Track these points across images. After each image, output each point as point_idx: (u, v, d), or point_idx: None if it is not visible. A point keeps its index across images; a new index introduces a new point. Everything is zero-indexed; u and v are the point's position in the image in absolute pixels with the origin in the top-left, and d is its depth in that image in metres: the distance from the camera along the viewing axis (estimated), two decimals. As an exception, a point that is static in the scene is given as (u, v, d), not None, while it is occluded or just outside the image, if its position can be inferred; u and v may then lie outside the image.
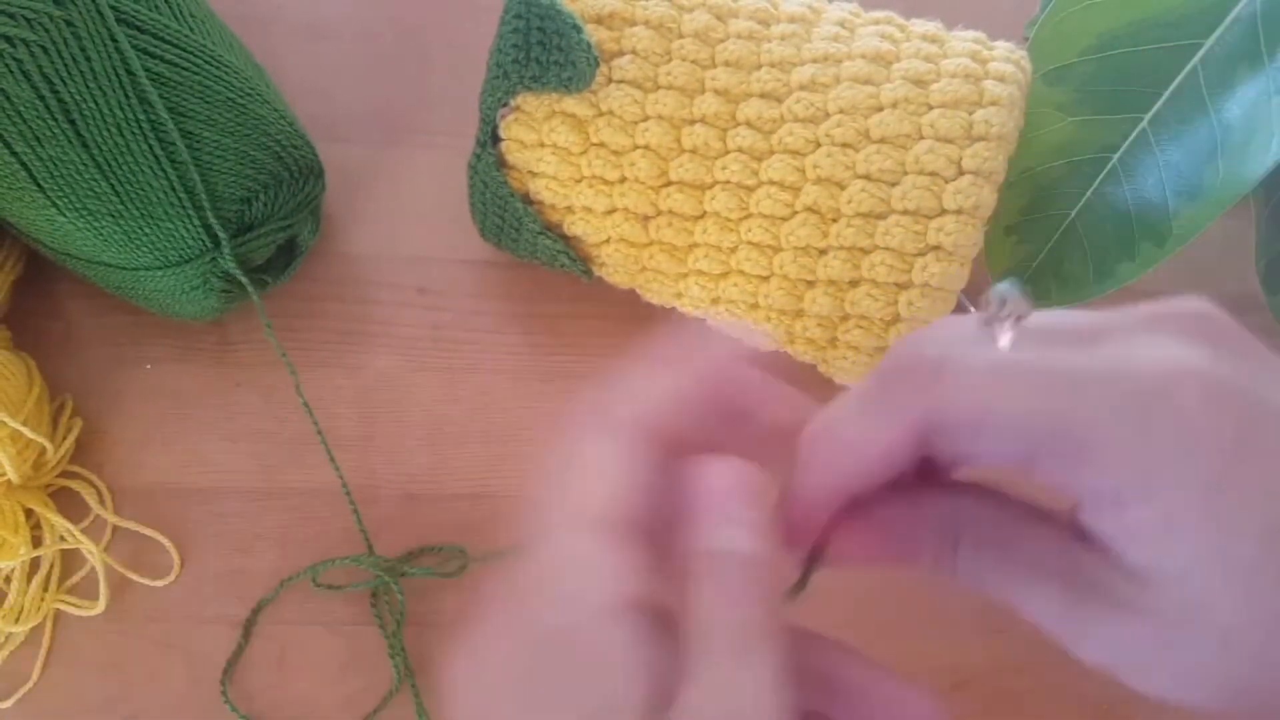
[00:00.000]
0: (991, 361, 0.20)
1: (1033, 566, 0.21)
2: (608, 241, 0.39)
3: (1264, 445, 0.19)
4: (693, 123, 0.37)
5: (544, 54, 0.37)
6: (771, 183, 0.37)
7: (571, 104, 0.37)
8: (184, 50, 0.37)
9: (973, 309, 0.21)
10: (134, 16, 0.36)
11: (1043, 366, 0.20)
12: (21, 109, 0.34)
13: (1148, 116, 0.39)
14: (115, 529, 0.39)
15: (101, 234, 0.36)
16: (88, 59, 0.35)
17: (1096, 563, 0.21)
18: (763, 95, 0.37)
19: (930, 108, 0.36)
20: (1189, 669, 0.20)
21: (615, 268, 0.40)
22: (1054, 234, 0.40)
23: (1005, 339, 0.21)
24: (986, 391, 0.20)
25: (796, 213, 0.37)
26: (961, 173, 0.36)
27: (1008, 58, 0.37)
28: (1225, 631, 0.19)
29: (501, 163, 0.40)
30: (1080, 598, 0.21)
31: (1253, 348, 0.20)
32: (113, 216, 0.36)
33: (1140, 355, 0.20)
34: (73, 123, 0.35)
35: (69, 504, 0.39)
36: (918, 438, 0.20)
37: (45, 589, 0.37)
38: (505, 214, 0.40)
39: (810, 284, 0.37)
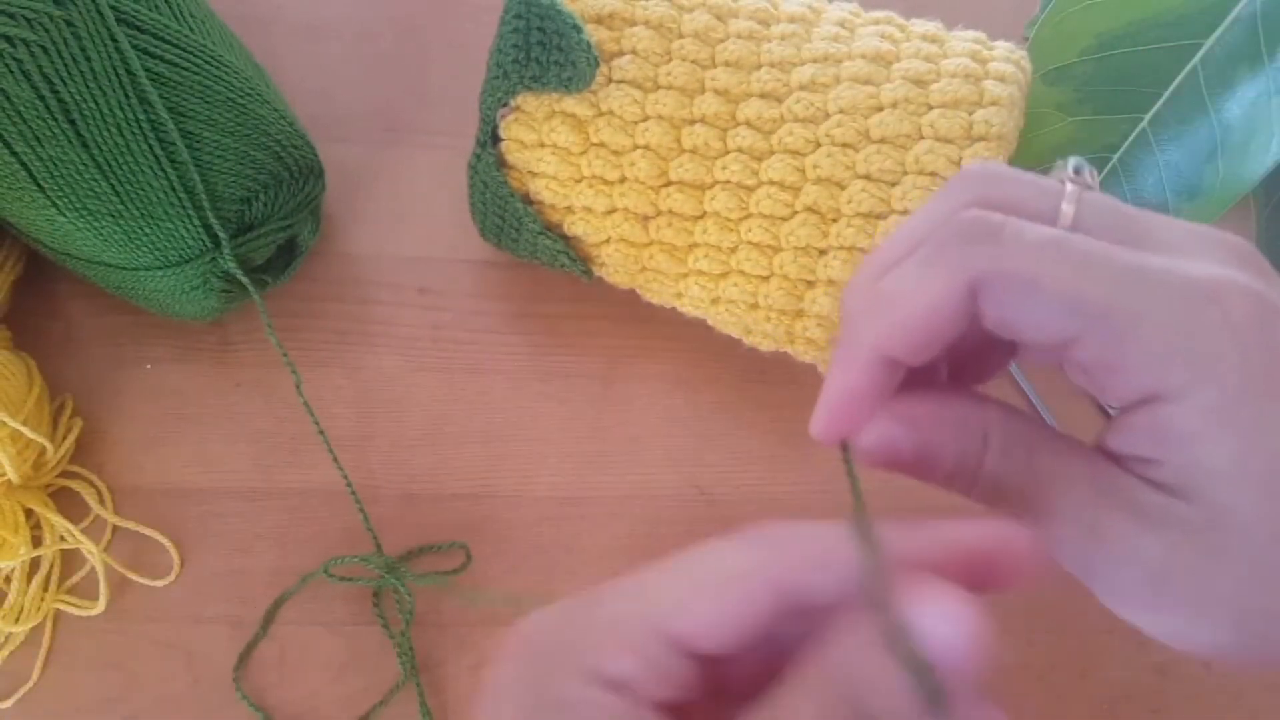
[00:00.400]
0: (1052, 234, 0.20)
1: (1058, 472, 0.22)
2: (608, 241, 0.39)
3: None
4: (693, 123, 0.37)
5: (544, 54, 0.37)
6: (771, 183, 0.37)
7: (571, 104, 0.37)
8: (184, 50, 0.37)
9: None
10: (134, 16, 0.36)
11: (1100, 251, 0.20)
12: (21, 109, 0.34)
13: (1148, 116, 0.39)
14: (115, 529, 0.39)
15: (101, 234, 0.36)
16: (88, 59, 0.35)
17: (1125, 478, 0.21)
18: (763, 95, 0.37)
19: (930, 108, 0.36)
20: (1209, 595, 0.20)
21: (615, 268, 0.40)
22: (1054, 234, 0.40)
23: (1070, 206, 0.21)
24: (1043, 261, 0.20)
25: (796, 213, 0.37)
26: (961, 173, 0.36)
27: (1008, 58, 0.37)
28: (1253, 546, 0.19)
29: (501, 163, 0.40)
30: (1105, 509, 0.21)
31: None
32: (113, 216, 0.36)
33: (1191, 262, 0.20)
34: (73, 123, 0.35)
35: (69, 504, 0.39)
36: (967, 294, 0.20)
37: (45, 589, 0.37)
38: (505, 214, 0.40)
39: (810, 284, 0.37)
